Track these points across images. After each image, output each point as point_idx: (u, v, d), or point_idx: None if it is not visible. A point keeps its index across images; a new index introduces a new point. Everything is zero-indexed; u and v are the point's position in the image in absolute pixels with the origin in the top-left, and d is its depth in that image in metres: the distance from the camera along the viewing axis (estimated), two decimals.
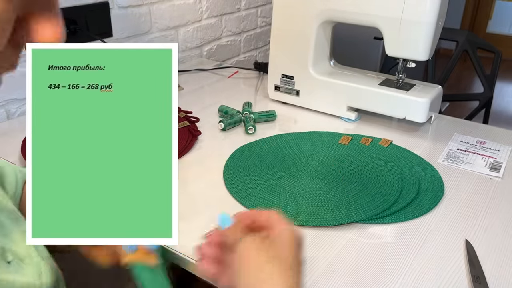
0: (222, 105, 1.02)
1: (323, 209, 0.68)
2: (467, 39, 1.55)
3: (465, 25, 4.01)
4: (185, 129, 0.90)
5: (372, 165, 0.80)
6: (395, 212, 0.68)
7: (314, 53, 1.00)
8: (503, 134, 0.94)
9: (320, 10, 0.94)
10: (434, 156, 0.85)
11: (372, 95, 0.95)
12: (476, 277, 0.56)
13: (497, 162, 0.83)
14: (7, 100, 0.98)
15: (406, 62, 0.92)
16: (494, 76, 1.54)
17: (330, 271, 0.58)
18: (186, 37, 1.41)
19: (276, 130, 0.96)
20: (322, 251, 0.61)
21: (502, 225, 0.66)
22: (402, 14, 0.85)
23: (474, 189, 0.75)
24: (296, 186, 0.74)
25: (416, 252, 0.61)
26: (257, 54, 1.79)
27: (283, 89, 1.07)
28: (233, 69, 1.34)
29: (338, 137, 0.90)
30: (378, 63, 1.93)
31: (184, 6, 1.36)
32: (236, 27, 1.61)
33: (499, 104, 3.07)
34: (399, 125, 0.98)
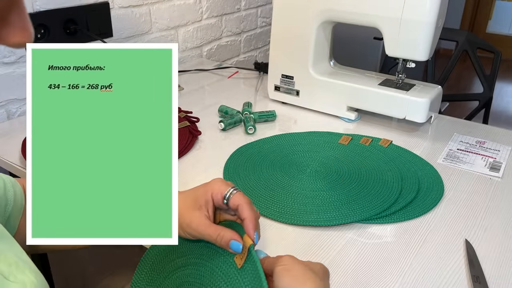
0: (222, 105, 1.02)
1: (323, 209, 0.68)
2: (467, 39, 1.55)
3: (465, 25, 4.01)
4: (185, 129, 0.90)
5: (372, 165, 0.80)
6: (395, 212, 0.68)
7: (314, 53, 1.00)
8: (503, 134, 0.94)
9: (320, 10, 0.94)
10: (434, 156, 0.85)
11: (372, 95, 0.95)
12: (476, 277, 0.56)
13: (497, 162, 0.83)
14: (7, 100, 0.98)
15: (406, 62, 0.92)
16: (494, 76, 1.54)
17: (330, 271, 0.57)
18: (186, 37, 1.41)
19: (276, 130, 0.96)
20: (322, 251, 0.61)
21: (502, 225, 0.66)
22: (402, 14, 0.85)
23: (473, 189, 0.75)
24: (296, 186, 0.74)
25: (416, 252, 0.61)
26: (257, 54, 1.79)
27: (283, 89, 1.07)
28: (233, 69, 1.34)
29: (338, 137, 0.90)
30: (378, 63, 1.93)
31: (184, 6, 1.36)
32: (236, 27, 1.61)
33: (499, 104, 3.07)
34: (399, 125, 0.98)
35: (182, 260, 0.53)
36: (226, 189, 0.51)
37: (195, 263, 0.52)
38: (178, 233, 0.50)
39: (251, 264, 0.47)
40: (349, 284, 0.56)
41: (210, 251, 0.51)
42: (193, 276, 0.51)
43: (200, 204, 0.50)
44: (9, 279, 0.38)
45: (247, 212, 0.49)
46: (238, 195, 0.50)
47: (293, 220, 0.66)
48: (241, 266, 0.47)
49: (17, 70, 0.98)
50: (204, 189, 0.52)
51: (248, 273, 0.46)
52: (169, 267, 0.54)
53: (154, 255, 0.56)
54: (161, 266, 0.54)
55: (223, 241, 0.48)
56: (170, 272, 0.53)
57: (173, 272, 0.53)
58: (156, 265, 0.55)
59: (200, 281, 0.50)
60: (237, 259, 0.48)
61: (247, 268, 0.47)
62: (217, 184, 0.52)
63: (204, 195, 0.51)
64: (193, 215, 0.49)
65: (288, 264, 0.44)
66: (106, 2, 1.11)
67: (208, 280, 0.49)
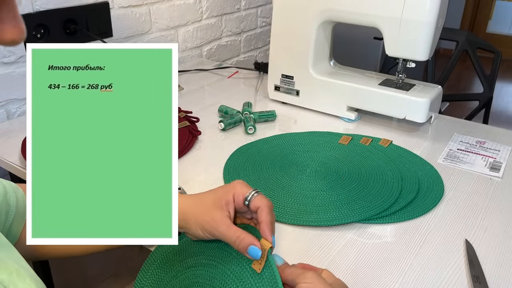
0: (222, 105, 1.02)
1: (323, 209, 0.68)
2: (467, 39, 1.55)
3: (465, 25, 4.01)
4: (185, 129, 0.90)
5: (372, 165, 0.80)
6: (395, 212, 0.68)
7: (314, 53, 1.00)
8: (503, 134, 0.94)
9: (320, 10, 0.94)
10: (434, 156, 0.85)
11: (372, 95, 0.95)
12: (476, 277, 0.56)
13: (497, 162, 0.83)
14: (7, 100, 0.98)
15: (406, 62, 0.92)
16: (494, 76, 1.54)
17: (330, 271, 0.58)
18: (186, 37, 1.41)
19: (276, 130, 0.96)
20: (322, 251, 0.61)
21: (502, 225, 0.66)
22: (402, 14, 0.85)
23: (474, 189, 0.75)
24: (296, 186, 0.74)
25: (416, 252, 0.61)
26: (257, 54, 1.79)
27: (283, 89, 1.07)
28: (233, 69, 1.34)
29: (338, 137, 0.90)
30: (378, 63, 1.93)
31: (184, 6, 1.36)
32: (236, 27, 1.61)
33: (499, 104, 3.07)
34: (399, 125, 0.98)
35: (192, 260, 0.53)
36: (248, 191, 0.51)
37: (206, 264, 0.51)
38: (196, 233, 0.49)
39: (268, 269, 0.46)
40: (349, 284, 0.56)
41: (223, 253, 0.51)
42: (203, 277, 0.50)
43: (221, 204, 0.50)
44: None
45: (266, 215, 0.49)
46: (259, 197, 0.50)
47: (293, 220, 0.66)
48: (261, 271, 0.46)
49: (17, 70, 0.98)
50: (225, 190, 0.52)
51: (265, 279, 0.46)
52: (178, 266, 0.53)
53: (162, 253, 0.56)
54: (169, 265, 0.54)
55: (241, 244, 0.47)
56: (179, 272, 0.53)
57: (183, 272, 0.52)
58: (164, 263, 0.55)
59: (211, 283, 0.49)
60: (255, 265, 0.47)
61: (264, 273, 0.46)
62: (239, 186, 0.52)
63: (225, 196, 0.51)
64: (215, 214, 0.49)
65: (313, 283, 0.43)
66: (106, 2, 1.11)
67: (219, 282, 0.49)
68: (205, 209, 0.50)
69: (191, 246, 0.54)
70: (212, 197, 0.52)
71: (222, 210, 0.50)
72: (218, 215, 0.49)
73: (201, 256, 0.52)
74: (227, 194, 0.51)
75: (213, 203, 0.51)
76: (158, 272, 0.54)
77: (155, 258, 0.56)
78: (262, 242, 0.47)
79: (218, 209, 0.50)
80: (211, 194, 0.52)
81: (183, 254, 0.54)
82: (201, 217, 0.49)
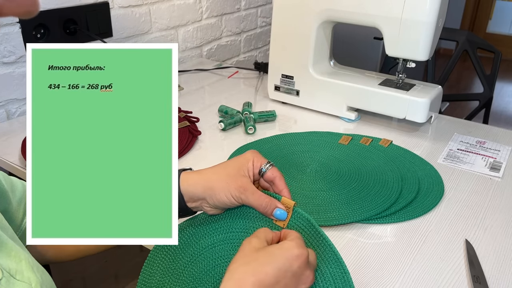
0: (222, 105, 1.02)
1: (323, 209, 0.68)
2: (467, 39, 1.55)
3: (465, 25, 4.01)
4: (185, 129, 0.90)
5: (372, 165, 0.80)
6: (395, 212, 0.68)
7: (314, 53, 1.00)
8: (503, 134, 0.94)
9: (320, 10, 0.94)
10: (434, 156, 0.85)
11: (372, 95, 0.95)
12: (476, 277, 0.56)
13: (497, 162, 0.83)
14: (7, 100, 0.98)
15: (406, 62, 0.92)
16: (494, 76, 1.54)
17: None
18: (186, 37, 1.41)
19: (276, 130, 0.96)
20: None
21: (502, 225, 0.66)
22: (402, 14, 0.85)
23: (474, 189, 0.75)
24: (296, 186, 0.74)
25: (416, 252, 0.61)
26: (257, 54, 1.79)
27: (283, 89, 1.07)
28: (233, 69, 1.34)
29: (338, 137, 0.90)
30: (378, 63, 1.93)
31: (184, 6, 1.36)
32: (236, 27, 1.61)
33: (499, 104, 3.07)
34: (399, 125, 0.98)
35: (208, 240, 0.54)
36: (264, 162, 0.54)
37: (226, 239, 0.53)
38: (222, 199, 0.52)
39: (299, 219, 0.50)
40: None
41: (239, 224, 0.53)
42: (228, 251, 0.52)
43: (244, 171, 0.53)
44: (15, 277, 0.38)
45: (284, 183, 0.53)
46: (274, 169, 0.54)
47: None
48: (285, 226, 0.51)
49: (17, 70, 0.98)
50: (243, 158, 0.54)
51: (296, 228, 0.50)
52: (190, 251, 0.54)
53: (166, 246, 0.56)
54: (180, 252, 0.54)
55: (269, 207, 0.51)
56: (195, 255, 0.54)
57: (201, 252, 0.53)
58: (172, 253, 0.55)
59: None
60: (278, 222, 0.51)
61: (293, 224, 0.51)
62: (256, 156, 0.55)
63: (246, 164, 0.54)
64: (241, 180, 0.52)
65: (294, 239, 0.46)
66: (106, 2, 1.11)
67: None
68: (230, 176, 0.52)
69: (206, 225, 0.55)
70: (232, 166, 0.54)
71: (246, 177, 0.53)
72: (244, 181, 0.52)
73: (216, 233, 0.54)
74: (247, 162, 0.54)
75: (235, 170, 0.53)
76: (167, 263, 0.54)
77: (158, 252, 0.56)
78: (284, 201, 0.51)
79: (243, 175, 0.53)
80: (233, 162, 0.55)
81: (195, 237, 0.55)
82: (228, 183, 0.51)
